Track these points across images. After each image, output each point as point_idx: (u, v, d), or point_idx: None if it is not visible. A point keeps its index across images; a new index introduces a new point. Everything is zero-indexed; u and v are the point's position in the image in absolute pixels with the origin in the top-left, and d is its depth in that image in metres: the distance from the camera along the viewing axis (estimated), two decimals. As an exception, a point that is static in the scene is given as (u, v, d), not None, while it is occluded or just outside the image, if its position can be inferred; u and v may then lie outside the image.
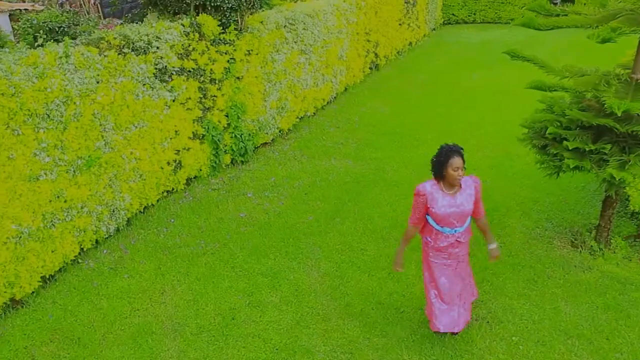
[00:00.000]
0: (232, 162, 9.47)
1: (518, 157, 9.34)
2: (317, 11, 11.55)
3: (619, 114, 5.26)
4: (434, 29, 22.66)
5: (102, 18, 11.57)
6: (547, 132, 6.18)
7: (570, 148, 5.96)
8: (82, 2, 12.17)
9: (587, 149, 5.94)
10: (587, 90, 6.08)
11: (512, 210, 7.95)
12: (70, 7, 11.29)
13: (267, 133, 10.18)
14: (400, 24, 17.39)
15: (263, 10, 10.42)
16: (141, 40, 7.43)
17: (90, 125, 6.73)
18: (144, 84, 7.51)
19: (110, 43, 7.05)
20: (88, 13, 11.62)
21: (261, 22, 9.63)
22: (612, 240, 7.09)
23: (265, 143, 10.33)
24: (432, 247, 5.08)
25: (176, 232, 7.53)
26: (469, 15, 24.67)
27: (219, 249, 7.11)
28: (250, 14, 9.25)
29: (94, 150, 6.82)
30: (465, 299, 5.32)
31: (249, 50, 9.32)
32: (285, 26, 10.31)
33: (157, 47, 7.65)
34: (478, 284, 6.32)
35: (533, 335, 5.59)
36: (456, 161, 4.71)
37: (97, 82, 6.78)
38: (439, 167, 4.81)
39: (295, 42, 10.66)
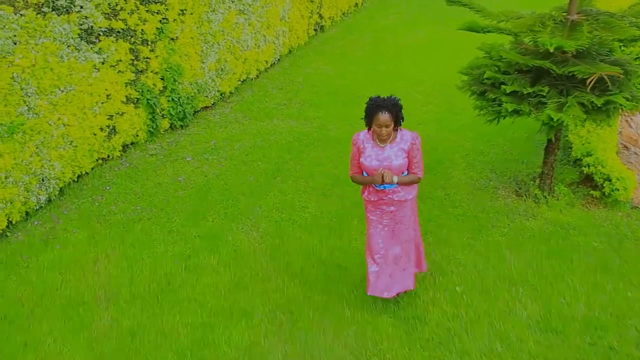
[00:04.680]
0: (170, 126, 9.11)
1: (462, 110, 9.17)
2: (256, -31, 11.15)
3: (552, 50, 5.16)
4: (381, -11, 22.38)
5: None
6: (484, 77, 6.08)
7: (507, 92, 5.87)
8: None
9: (525, 92, 5.87)
10: (523, 32, 5.98)
11: (457, 162, 7.89)
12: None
13: (207, 96, 9.83)
14: (344, -16, 17.05)
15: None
16: (62, -2, 7.00)
17: (10, 89, 6.32)
18: (69, 46, 7.08)
19: (27, 1, 6.60)
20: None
21: (196, -21, 9.22)
22: (555, 188, 7.12)
23: (206, 107, 9.98)
24: (368, 200, 4.86)
25: (111, 199, 7.22)
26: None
27: (155, 214, 6.85)
28: (183, -30, 8.83)
29: (16, 117, 6.43)
30: (405, 265, 5.03)
31: (182, 10, 8.91)
32: (221, -16, 9.91)
33: (81, 6, 7.19)
34: (421, 236, 6.24)
35: (477, 284, 5.55)
36: (381, 118, 4.37)
37: (14, 44, 6.36)
38: (367, 120, 4.54)
39: (232, 1, 10.28)
